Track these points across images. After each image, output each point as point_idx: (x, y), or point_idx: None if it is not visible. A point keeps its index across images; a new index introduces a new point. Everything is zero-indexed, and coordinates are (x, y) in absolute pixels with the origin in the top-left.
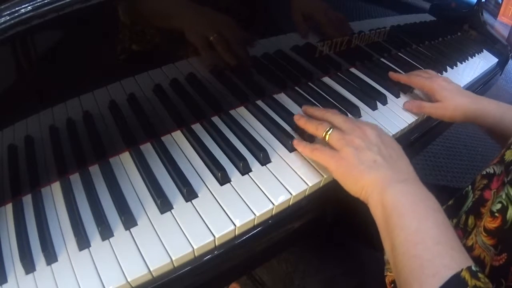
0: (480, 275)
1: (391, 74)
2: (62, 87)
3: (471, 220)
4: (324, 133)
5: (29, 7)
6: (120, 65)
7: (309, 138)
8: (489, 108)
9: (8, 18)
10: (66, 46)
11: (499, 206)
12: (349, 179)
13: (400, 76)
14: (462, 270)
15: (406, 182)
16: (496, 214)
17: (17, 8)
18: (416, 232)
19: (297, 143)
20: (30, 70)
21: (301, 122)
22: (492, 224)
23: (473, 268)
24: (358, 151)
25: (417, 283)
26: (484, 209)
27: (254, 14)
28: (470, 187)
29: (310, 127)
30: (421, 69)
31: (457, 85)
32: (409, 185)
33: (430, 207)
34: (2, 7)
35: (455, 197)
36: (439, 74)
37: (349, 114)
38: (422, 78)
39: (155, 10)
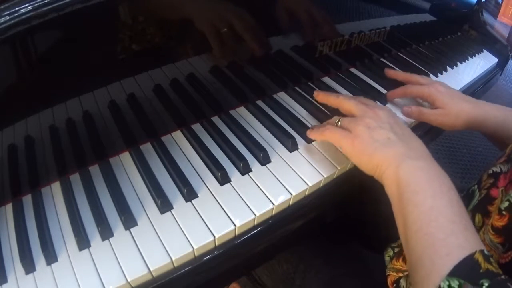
0: (491, 259)
1: (387, 71)
2: (62, 87)
3: (478, 218)
4: (336, 122)
5: (29, 7)
6: (120, 65)
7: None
8: (491, 113)
9: (8, 18)
10: (66, 46)
11: (506, 204)
12: (363, 157)
13: (396, 93)
14: (476, 252)
15: (421, 159)
16: (504, 212)
17: (17, 8)
18: (430, 210)
19: (309, 131)
20: (30, 70)
21: (313, 135)
22: (499, 222)
23: (486, 252)
24: (370, 129)
25: (429, 261)
26: (492, 207)
27: (254, 14)
28: (476, 186)
29: (324, 130)
30: (421, 69)
31: (455, 90)
32: (423, 162)
33: (444, 185)
34: (2, 7)
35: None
36: (435, 79)
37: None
38: (419, 86)
39: (155, 7)
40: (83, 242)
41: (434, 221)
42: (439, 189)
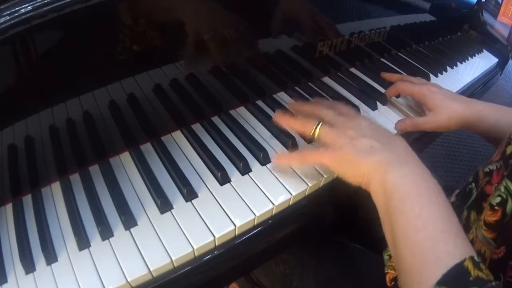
0: (482, 266)
1: (383, 74)
2: (62, 87)
3: (473, 216)
4: (313, 129)
5: (29, 7)
6: (120, 65)
7: None
8: (484, 112)
9: (8, 18)
10: (66, 46)
11: (498, 199)
12: (348, 169)
13: (390, 91)
14: (465, 259)
15: (407, 165)
16: (496, 208)
17: (17, 8)
18: (418, 218)
19: (278, 157)
20: (30, 70)
21: (284, 120)
22: (492, 217)
23: (476, 258)
24: (353, 140)
25: (418, 269)
26: (486, 204)
27: (254, 14)
28: (473, 184)
29: (295, 124)
30: (421, 69)
31: (448, 90)
32: (410, 168)
33: (432, 191)
34: (2, 7)
35: (456, 193)
36: (435, 78)
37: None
38: (411, 85)
39: (155, 8)
40: (83, 242)
41: (422, 229)
42: (426, 196)
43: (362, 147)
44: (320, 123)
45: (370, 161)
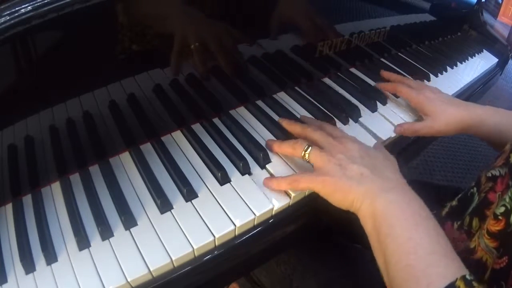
0: (474, 284)
1: (379, 85)
2: (62, 87)
3: (475, 222)
4: (303, 152)
5: (29, 7)
6: (120, 65)
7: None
8: (483, 116)
9: (8, 18)
10: (66, 46)
11: (502, 209)
12: (337, 196)
13: (387, 86)
14: (456, 279)
15: (395, 190)
16: (500, 217)
17: (17, 8)
18: (408, 241)
19: (268, 181)
20: (30, 70)
21: (275, 147)
22: (495, 227)
23: (468, 277)
24: (342, 167)
25: None
26: (489, 212)
27: (254, 14)
28: (475, 188)
29: (286, 148)
30: (421, 69)
31: (445, 94)
32: (397, 193)
33: (419, 215)
34: (2, 7)
35: (458, 198)
36: (435, 79)
37: (348, 118)
38: (408, 89)
39: (154, 11)
40: (83, 242)
41: (413, 253)
42: (413, 221)
43: (352, 175)
44: (310, 147)
45: (360, 189)
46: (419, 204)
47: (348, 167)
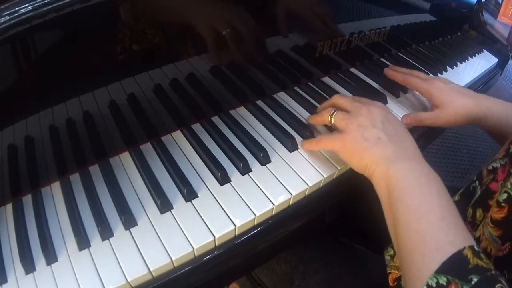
0: (482, 255)
1: (387, 71)
2: (62, 87)
3: (479, 213)
4: (329, 116)
5: (29, 7)
6: (120, 65)
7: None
8: (492, 108)
9: (8, 18)
10: (66, 46)
11: (505, 196)
12: (354, 157)
13: (396, 75)
14: (464, 248)
15: (410, 160)
16: (503, 204)
17: (17, 8)
18: (420, 207)
19: (303, 143)
20: (30, 70)
21: (310, 119)
22: (498, 214)
23: (476, 248)
24: (362, 128)
25: (419, 257)
26: (492, 201)
27: (254, 14)
28: (477, 182)
29: (316, 118)
30: (421, 69)
31: (456, 84)
32: (414, 163)
33: (434, 184)
34: (2, 7)
35: (460, 192)
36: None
37: None
38: (418, 80)
39: (155, 7)
40: (83, 242)
41: (423, 218)
42: (428, 188)
43: (369, 137)
44: (335, 112)
45: (374, 152)
46: (435, 177)
47: (368, 129)
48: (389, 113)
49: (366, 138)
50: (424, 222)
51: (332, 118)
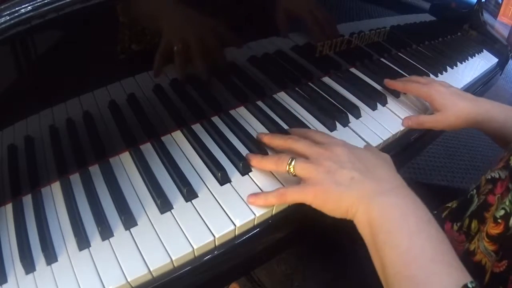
0: None
1: (387, 82)
2: (62, 87)
3: (474, 224)
4: (287, 166)
5: (29, 7)
6: (120, 65)
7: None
8: (492, 112)
9: (8, 18)
10: (66, 46)
11: (502, 212)
12: (330, 205)
13: (396, 84)
14: None
15: (391, 193)
16: (499, 220)
17: (17, 8)
18: (408, 251)
19: (254, 197)
20: (30, 70)
21: (255, 162)
22: (495, 230)
23: (469, 285)
24: (331, 173)
25: None
26: (488, 214)
27: (254, 14)
28: (475, 191)
29: (268, 164)
30: (421, 69)
31: (456, 88)
32: (395, 195)
33: (420, 219)
34: (2, 7)
35: (459, 200)
36: (435, 78)
37: (349, 114)
38: (418, 85)
39: (155, 7)
40: (83, 242)
41: (413, 262)
42: (415, 226)
43: (341, 180)
44: (294, 159)
45: (351, 194)
46: (420, 206)
47: (338, 173)
48: (352, 147)
49: (339, 183)
50: (414, 267)
51: (291, 168)
